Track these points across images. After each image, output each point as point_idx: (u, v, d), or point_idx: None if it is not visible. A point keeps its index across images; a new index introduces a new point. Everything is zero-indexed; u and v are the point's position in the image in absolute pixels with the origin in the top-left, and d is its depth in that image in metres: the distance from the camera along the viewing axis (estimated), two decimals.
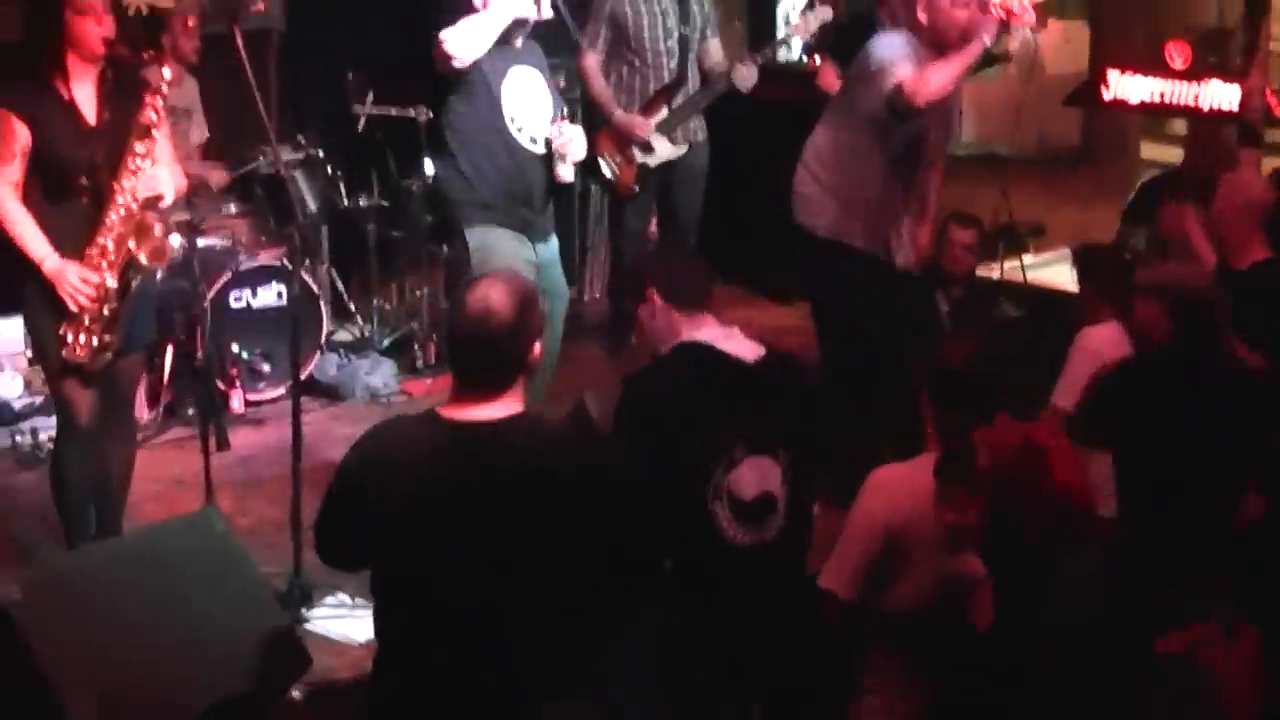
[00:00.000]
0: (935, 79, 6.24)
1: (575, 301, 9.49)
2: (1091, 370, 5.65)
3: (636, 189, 8.50)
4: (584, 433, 4.46)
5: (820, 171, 6.68)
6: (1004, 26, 6.34)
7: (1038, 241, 9.07)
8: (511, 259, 6.21)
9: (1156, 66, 8.32)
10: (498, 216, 6.35)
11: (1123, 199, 9.19)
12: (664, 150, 8.47)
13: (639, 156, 8.43)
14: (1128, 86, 8.43)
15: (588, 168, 8.00)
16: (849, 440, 6.15)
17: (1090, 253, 6.55)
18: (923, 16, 6.42)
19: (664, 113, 8.45)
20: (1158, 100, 8.33)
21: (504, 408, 3.80)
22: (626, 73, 8.45)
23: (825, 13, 8.71)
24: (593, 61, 8.37)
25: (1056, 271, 8.26)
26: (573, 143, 6.43)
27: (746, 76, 8.39)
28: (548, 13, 6.38)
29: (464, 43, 6.15)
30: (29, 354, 7.53)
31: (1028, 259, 8.25)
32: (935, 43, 6.40)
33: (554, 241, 6.67)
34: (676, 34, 8.43)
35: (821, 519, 4.91)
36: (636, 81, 8.45)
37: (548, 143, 6.45)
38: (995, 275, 8.11)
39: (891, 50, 6.41)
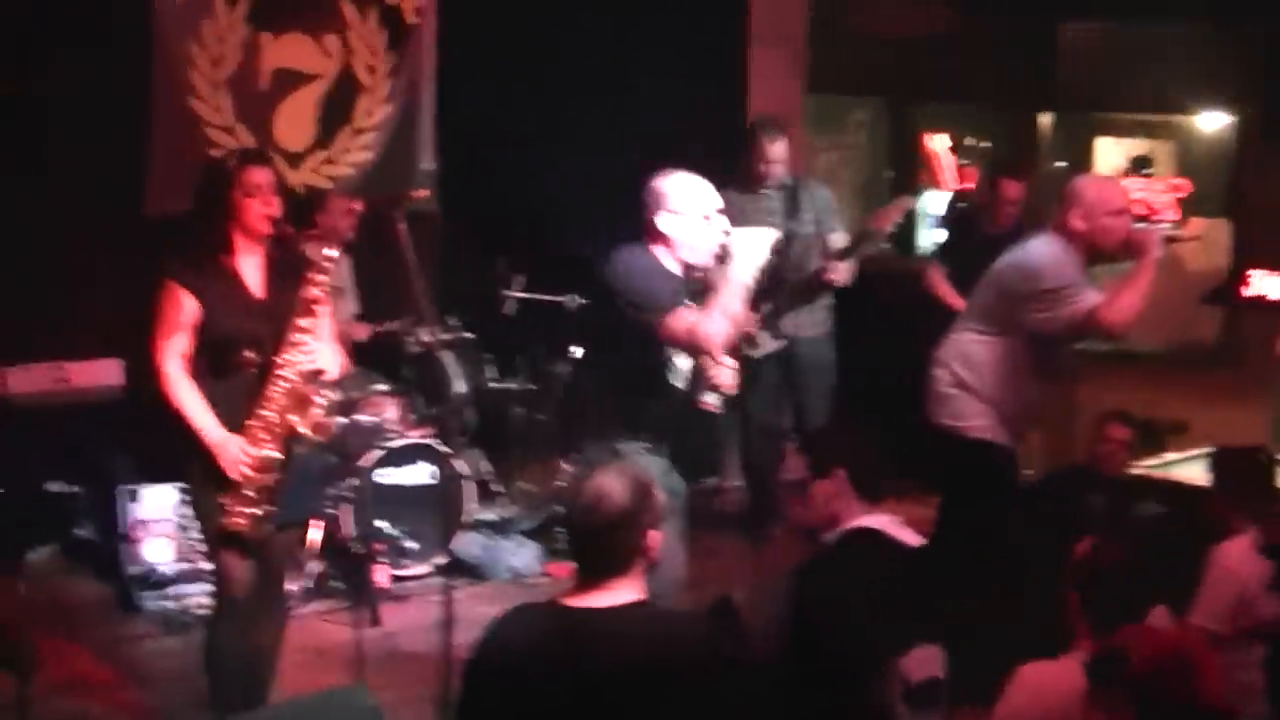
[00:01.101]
0: (1128, 305, 6.33)
1: (712, 491, 9.56)
2: (1231, 589, 5.58)
3: (745, 382, 8.52)
4: (722, 624, 4.50)
5: (969, 376, 6.67)
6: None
7: (1178, 440, 9.01)
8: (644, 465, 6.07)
9: None
10: (629, 430, 6.05)
11: (1262, 398, 9.14)
12: (767, 344, 8.53)
13: (744, 349, 8.47)
14: (1268, 284, 8.43)
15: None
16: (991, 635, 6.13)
17: (1228, 458, 6.45)
18: (1080, 224, 6.46)
19: (767, 306, 8.50)
20: None
21: (622, 595, 3.90)
22: None
23: (907, 202, 8.79)
24: None
25: (1196, 469, 8.22)
26: (726, 377, 6.19)
27: (842, 272, 8.46)
28: None
29: (728, 332, 5.96)
30: (176, 521, 7.72)
31: (1167, 457, 8.20)
32: (1091, 249, 6.47)
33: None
34: (782, 227, 8.51)
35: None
36: None
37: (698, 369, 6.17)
38: (1136, 472, 8.04)
39: (1059, 267, 6.45)
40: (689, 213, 5.94)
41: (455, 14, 9.91)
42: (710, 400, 6.18)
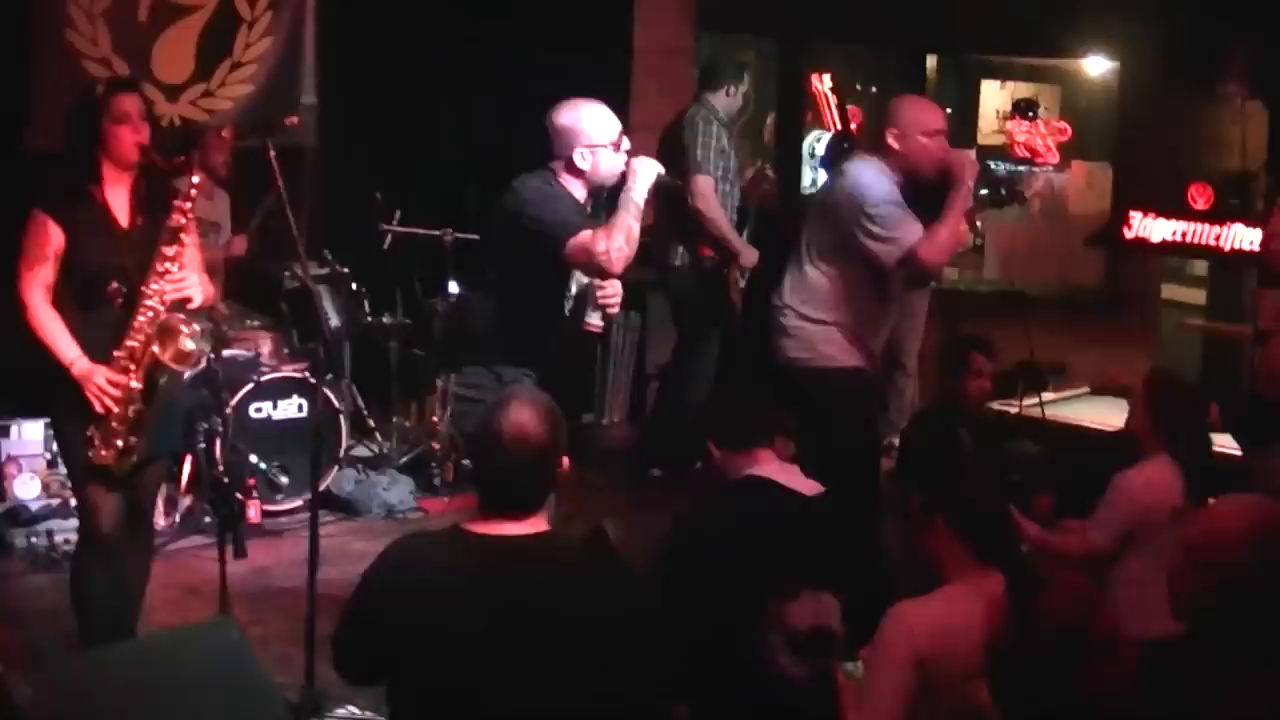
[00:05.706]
0: (943, 240, 6.42)
1: (594, 426, 9.57)
2: (1131, 510, 5.60)
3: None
4: (605, 557, 4.48)
5: (815, 310, 6.66)
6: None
7: (1058, 381, 9.06)
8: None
9: (1179, 208, 8.40)
10: (516, 358, 5.93)
11: (1143, 340, 9.20)
12: None
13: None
14: (1150, 227, 8.50)
15: None
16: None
17: (1162, 384, 6.32)
18: (895, 144, 6.56)
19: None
20: (1179, 240, 8.40)
21: (532, 525, 3.84)
22: None
23: None
24: None
25: (1075, 409, 8.28)
26: (615, 297, 5.98)
27: None
28: None
29: (625, 250, 5.63)
30: (47, 457, 7.63)
31: (1047, 396, 8.21)
32: (907, 170, 6.56)
33: None
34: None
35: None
36: None
37: (586, 290, 6.02)
38: (1014, 411, 8.05)
39: (873, 188, 6.51)
40: (603, 143, 5.83)
41: None
42: (594, 321, 6.02)
